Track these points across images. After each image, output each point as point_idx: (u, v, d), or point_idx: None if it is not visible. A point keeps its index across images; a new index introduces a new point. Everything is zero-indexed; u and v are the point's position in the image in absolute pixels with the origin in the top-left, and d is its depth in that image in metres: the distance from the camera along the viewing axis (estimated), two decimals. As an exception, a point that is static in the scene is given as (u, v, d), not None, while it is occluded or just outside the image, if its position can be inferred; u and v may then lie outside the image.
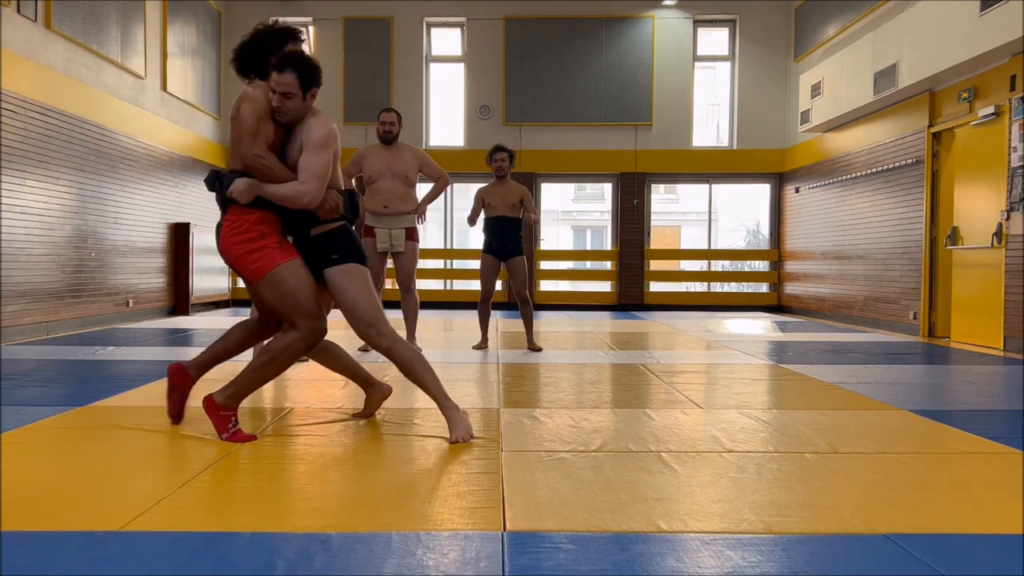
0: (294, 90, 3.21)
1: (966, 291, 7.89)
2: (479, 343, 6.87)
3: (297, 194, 3.21)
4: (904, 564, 1.99)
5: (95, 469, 2.84)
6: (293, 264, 3.25)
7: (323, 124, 3.29)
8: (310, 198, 3.22)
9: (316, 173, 3.22)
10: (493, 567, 1.94)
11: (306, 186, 3.21)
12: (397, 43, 13.02)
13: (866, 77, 9.14)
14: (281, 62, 3.23)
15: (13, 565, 1.92)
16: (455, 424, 3.33)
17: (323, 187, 3.25)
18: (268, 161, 3.21)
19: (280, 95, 3.21)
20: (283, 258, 3.24)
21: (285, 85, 3.20)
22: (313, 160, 3.22)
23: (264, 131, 3.23)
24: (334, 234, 3.39)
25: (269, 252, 3.23)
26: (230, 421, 3.26)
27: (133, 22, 9.76)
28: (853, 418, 3.84)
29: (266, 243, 3.24)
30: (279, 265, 3.22)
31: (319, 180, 3.23)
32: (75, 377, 5.09)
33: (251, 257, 3.23)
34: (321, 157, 3.23)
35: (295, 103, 3.24)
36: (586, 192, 22.26)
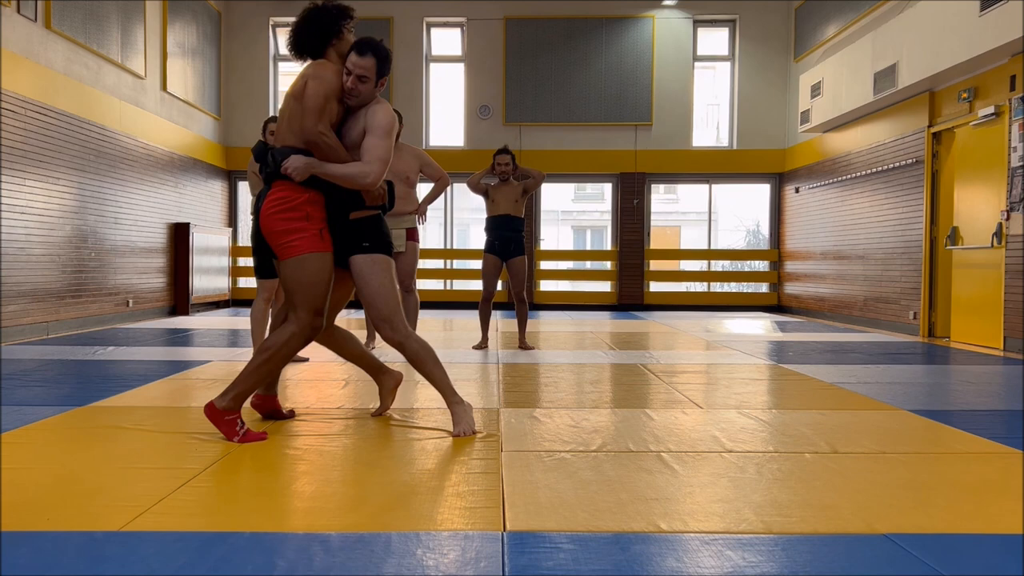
0: (371, 74, 3.27)
1: (966, 291, 7.89)
2: (479, 343, 6.87)
3: (361, 174, 3.23)
4: (904, 564, 1.99)
5: (95, 469, 2.84)
6: (324, 257, 3.28)
7: (389, 111, 3.35)
8: (373, 179, 3.25)
9: (381, 156, 3.27)
10: (493, 567, 1.94)
11: (371, 167, 3.24)
12: (397, 43, 13.02)
13: (866, 77, 9.14)
14: (362, 46, 3.29)
15: (13, 565, 1.92)
16: (459, 418, 3.38)
17: (384, 171, 3.30)
18: (330, 139, 3.23)
19: (356, 77, 3.26)
20: (318, 247, 3.27)
21: (364, 68, 3.25)
22: (379, 143, 3.27)
23: (330, 110, 3.26)
24: (369, 222, 3.41)
25: (308, 237, 3.25)
26: (237, 424, 3.26)
27: (133, 22, 9.76)
28: (853, 418, 3.84)
29: (308, 226, 3.26)
30: (312, 252, 3.24)
31: (383, 163, 3.27)
32: (75, 377, 5.08)
33: (290, 236, 3.24)
34: (386, 142, 3.29)
35: (368, 87, 3.29)
36: (586, 192, 22.26)
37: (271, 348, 3.31)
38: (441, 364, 3.47)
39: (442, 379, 3.43)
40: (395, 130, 3.37)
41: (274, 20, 13.17)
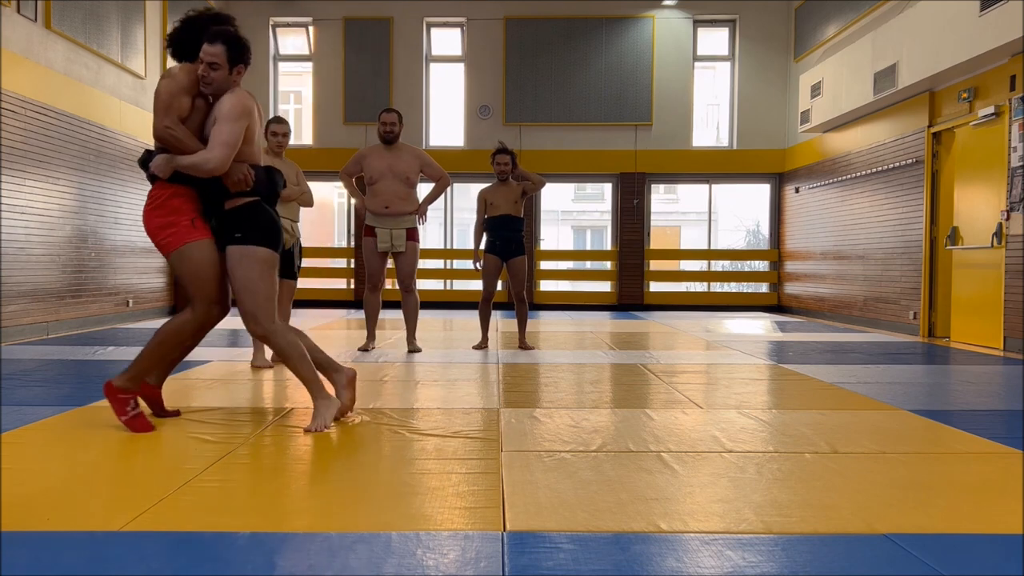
0: (221, 61, 3.33)
1: (966, 291, 7.89)
2: (479, 343, 6.87)
3: (203, 160, 3.26)
4: (904, 564, 1.99)
5: (95, 469, 2.84)
6: (201, 244, 3.32)
7: (237, 97, 3.37)
8: (214, 164, 3.26)
9: (222, 141, 3.28)
10: (493, 567, 1.94)
11: (211, 152, 3.26)
12: (397, 43, 13.02)
13: (866, 77, 9.14)
14: (213, 34, 3.36)
15: (13, 565, 1.92)
16: (318, 413, 3.40)
17: (229, 156, 3.29)
18: (177, 132, 3.30)
19: (207, 64, 3.32)
20: (192, 237, 3.31)
21: (213, 55, 3.32)
22: (223, 128, 3.30)
23: (177, 105, 3.33)
24: (243, 210, 3.41)
25: (180, 229, 3.31)
26: (128, 404, 3.31)
27: (133, 22, 9.76)
28: (853, 418, 3.84)
29: (178, 219, 3.31)
30: (187, 243, 3.30)
31: (225, 148, 3.27)
32: (75, 377, 5.09)
33: (164, 232, 3.32)
34: (229, 127, 3.30)
35: (221, 75, 3.35)
36: (586, 192, 22.26)
37: (165, 331, 3.37)
38: (309, 361, 3.47)
39: (309, 376, 3.43)
40: (247, 114, 3.36)
41: (274, 20, 13.16)
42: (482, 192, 6.84)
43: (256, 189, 3.42)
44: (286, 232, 5.57)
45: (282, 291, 5.71)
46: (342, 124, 13.02)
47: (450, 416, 3.81)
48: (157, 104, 3.33)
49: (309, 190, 5.73)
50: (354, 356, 6.16)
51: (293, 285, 5.74)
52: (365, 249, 6.46)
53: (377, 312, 6.60)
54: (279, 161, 5.64)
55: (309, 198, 5.70)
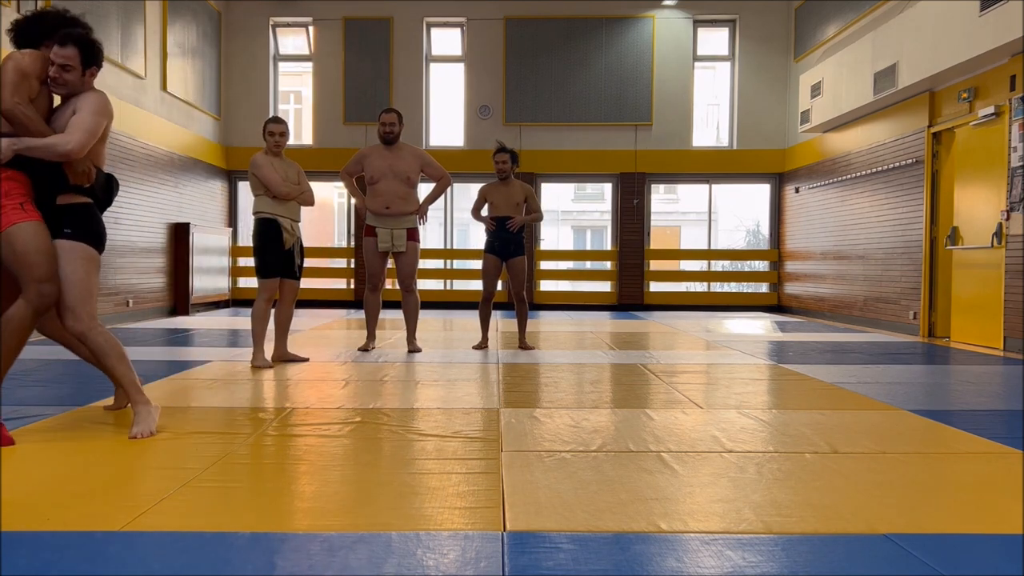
0: (74, 63, 3.32)
1: (966, 291, 7.89)
2: (479, 343, 6.86)
3: (62, 142, 3.22)
4: (904, 564, 1.99)
5: (95, 469, 2.84)
6: (31, 225, 3.24)
7: (100, 96, 3.38)
8: (72, 147, 3.22)
9: (85, 127, 3.26)
10: (493, 567, 1.94)
11: (70, 135, 3.23)
12: (397, 43, 13.02)
13: (866, 77, 9.14)
14: (64, 36, 3.33)
15: (13, 565, 1.92)
16: (140, 419, 3.33)
17: (87, 144, 3.26)
18: (27, 110, 3.24)
19: (59, 67, 3.30)
20: (20, 218, 3.23)
21: (65, 57, 3.30)
22: (85, 117, 3.28)
23: (28, 87, 3.27)
24: (76, 209, 3.38)
25: (7, 211, 3.23)
26: None
27: (133, 22, 9.76)
28: (853, 418, 3.84)
29: (7, 202, 3.24)
30: (15, 224, 3.22)
31: (85, 135, 3.25)
32: (75, 377, 5.09)
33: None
34: (92, 118, 3.29)
35: (74, 76, 3.34)
36: (586, 192, 22.26)
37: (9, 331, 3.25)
38: (128, 361, 3.41)
39: (126, 375, 3.38)
40: (109, 113, 3.37)
41: (274, 20, 13.17)
42: (483, 188, 6.84)
43: (93, 190, 3.40)
44: (286, 232, 5.57)
45: (284, 291, 5.71)
46: (342, 124, 13.02)
47: (450, 416, 3.81)
48: (4, 80, 3.22)
49: (310, 189, 5.73)
50: (354, 356, 6.16)
51: (295, 285, 5.74)
52: (365, 249, 6.46)
53: (377, 312, 6.60)
54: (279, 161, 5.65)
55: (310, 197, 5.70)
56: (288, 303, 5.77)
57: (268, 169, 5.51)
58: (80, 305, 3.32)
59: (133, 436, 3.25)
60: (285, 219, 5.56)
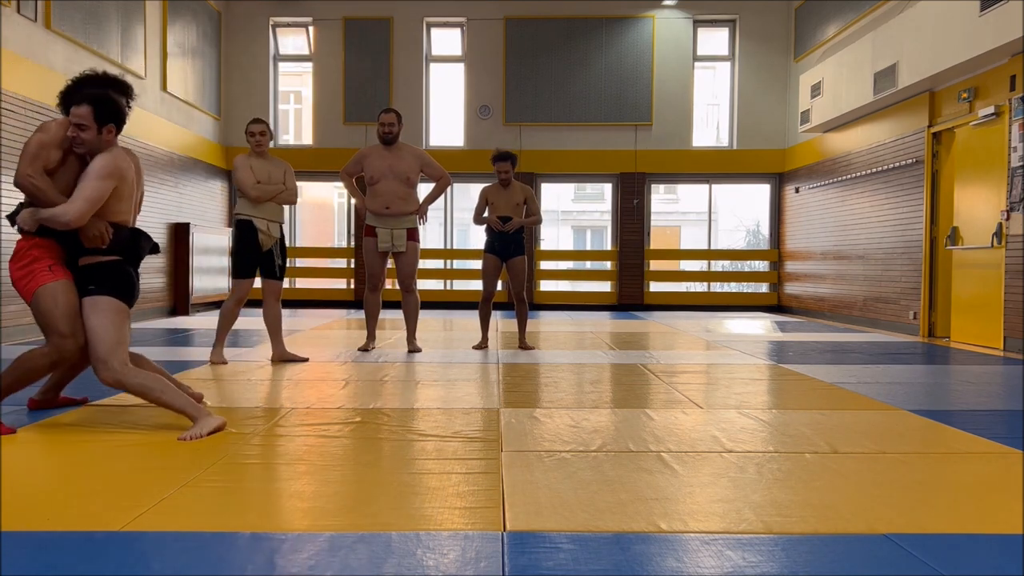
0: (88, 122, 3.40)
1: (966, 291, 7.89)
2: (479, 343, 6.86)
3: (61, 212, 3.33)
4: (904, 564, 1.99)
5: (95, 469, 2.84)
6: (55, 285, 3.41)
7: (110, 157, 3.44)
8: (69, 217, 3.32)
9: (83, 196, 3.35)
10: (493, 567, 1.94)
11: (71, 205, 3.34)
12: (397, 43, 13.02)
13: (866, 77, 9.14)
14: (80, 97, 3.44)
15: (13, 565, 1.92)
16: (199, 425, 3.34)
17: (87, 211, 3.35)
18: (38, 182, 3.39)
19: (75, 126, 3.40)
20: (47, 279, 3.41)
21: (79, 117, 3.40)
22: (87, 184, 3.38)
23: (44, 156, 3.41)
24: (97, 267, 3.49)
25: (36, 275, 3.41)
26: None
27: (133, 22, 9.76)
28: (853, 418, 3.84)
29: (35, 267, 3.42)
30: (41, 286, 3.40)
31: (85, 203, 3.34)
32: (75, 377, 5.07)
33: (23, 281, 3.44)
34: (94, 184, 3.37)
35: (90, 135, 3.42)
36: (586, 192, 22.26)
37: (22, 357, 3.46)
38: (171, 388, 3.45)
39: (175, 402, 3.41)
40: (116, 174, 3.42)
41: (274, 20, 13.17)
42: (484, 190, 6.84)
43: (114, 249, 3.49)
44: (262, 233, 5.58)
45: (266, 292, 5.76)
46: (342, 124, 13.02)
47: (450, 416, 3.81)
48: (24, 153, 3.41)
49: (294, 187, 5.76)
50: (354, 356, 6.16)
51: (277, 286, 5.79)
52: (365, 249, 6.46)
53: (377, 312, 6.60)
54: (263, 160, 5.66)
55: (289, 196, 5.71)
56: (272, 304, 5.79)
57: (243, 171, 5.56)
58: (110, 357, 3.41)
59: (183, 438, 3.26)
60: (262, 220, 5.58)
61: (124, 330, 3.49)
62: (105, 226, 3.44)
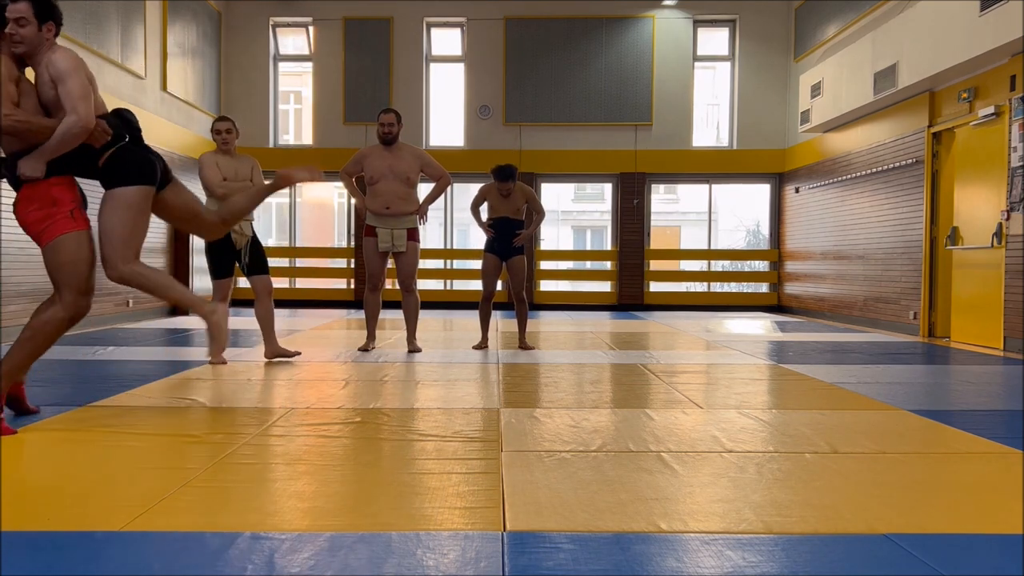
0: (28, 16, 3.26)
1: (966, 291, 7.89)
2: (479, 343, 6.86)
3: (71, 126, 3.21)
4: (904, 564, 1.99)
5: (95, 469, 2.84)
6: (79, 235, 3.27)
7: (62, 52, 3.32)
8: (84, 121, 3.22)
9: (78, 96, 3.23)
10: (493, 567, 1.94)
11: (76, 113, 3.21)
12: (397, 43, 13.02)
13: (866, 77, 9.14)
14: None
15: (13, 565, 1.92)
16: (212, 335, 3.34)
17: (90, 108, 3.25)
18: (19, 116, 3.22)
19: (13, 22, 3.25)
20: (69, 227, 3.26)
21: (18, 11, 3.25)
22: (71, 86, 3.24)
23: (8, 92, 3.24)
24: (112, 160, 3.38)
25: (58, 220, 3.26)
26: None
27: (133, 22, 9.76)
28: (853, 418, 3.84)
29: (56, 211, 3.26)
30: (64, 234, 3.25)
31: (84, 101, 3.24)
32: (75, 377, 5.08)
33: (41, 224, 3.27)
34: (75, 80, 3.25)
35: (30, 31, 3.28)
36: (586, 192, 22.25)
37: (34, 327, 3.29)
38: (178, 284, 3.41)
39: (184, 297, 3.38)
40: (82, 66, 3.31)
41: (274, 20, 13.17)
42: (484, 187, 6.81)
43: (117, 134, 3.39)
44: (234, 232, 5.58)
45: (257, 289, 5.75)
46: (342, 124, 13.03)
47: (450, 416, 3.81)
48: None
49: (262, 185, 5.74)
50: (354, 356, 6.16)
51: (266, 281, 5.76)
52: (366, 249, 6.46)
53: (377, 312, 6.60)
54: (230, 159, 5.67)
55: None
56: (264, 300, 5.77)
57: (209, 169, 5.57)
58: (118, 253, 3.31)
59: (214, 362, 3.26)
60: None
61: (138, 225, 3.38)
62: (98, 120, 3.34)
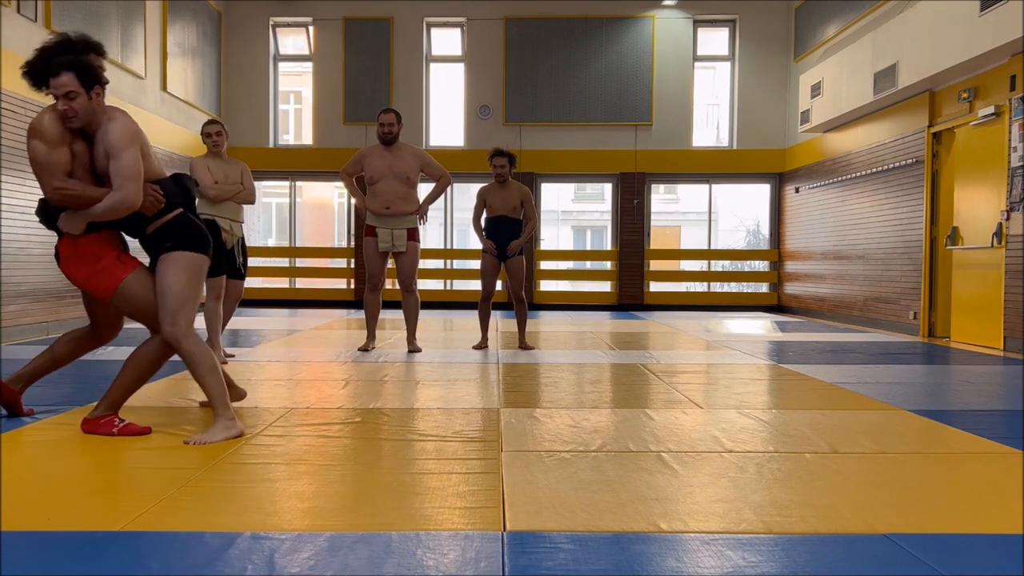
0: (75, 88, 3.19)
1: (966, 291, 7.89)
2: (479, 343, 6.86)
3: (116, 203, 3.22)
4: (904, 564, 1.99)
5: (95, 469, 2.84)
6: (136, 275, 3.34)
7: (119, 123, 3.27)
8: (130, 200, 3.23)
9: (127, 175, 3.22)
10: (493, 567, 1.94)
11: (122, 192, 3.21)
12: (397, 43, 13.02)
13: (866, 77, 9.14)
14: (55, 67, 3.22)
15: (13, 565, 1.92)
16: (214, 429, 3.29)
17: (139, 186, 3.24)
18: (70, 189, 3.23)
19: (63, 97, 3.19)
20: (124, 272, 3.32)
21: (64, 86, 3.18)
22: (120, 163, 3.22)
23: (57, 161, 3.22)
24: (168, 225, 3.39)
25: (110, 270, 3.31)
26: (113, 423, 3.33)
27: (133, 22, 9.76)
28: (853, 418, 3.84)
29: (104, 263, 3.32)
30: (123, 280, 3.31)
31: (133, 181, 3.23)
32: (75, 377, 5.08)
33: (96, 280, 3.33)
34: (126, 157, 3.23)
35: (80, 103, 3.21)
36: (586, 192, 22.25)
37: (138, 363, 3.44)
38: (219, 375, 3.42)
39: (215, 388, 3.38)
40: (136, 138, 3.28)
41: (274, 20, 13.17)
42: (481, 191, 6.83)
43: (170, 202, 3.39)
44: (225, 232, 5.60)
45: (229, 290, 5.74)
46: (342, 124, 13.02)
47: (450, 416, 3.81)
48: (36, 168, 3.22)
49: (252, 187, 5.77)
50: (354, 356, 6.16)
51: (240, 285, 5.81)
52: (366, 249, 6.46)
53: (377, 312, 6.60)
54: (220, 161, 5.69)
55: (247, 196, 5.73)
56: (231, 302, 5.81)
57: (201, 172, 5.63)
58: (179, 311, 3.34)
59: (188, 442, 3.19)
60: (224, 219, 5.62)
61: (196, 289, 3.40)
62: (152, 188, 3.34)
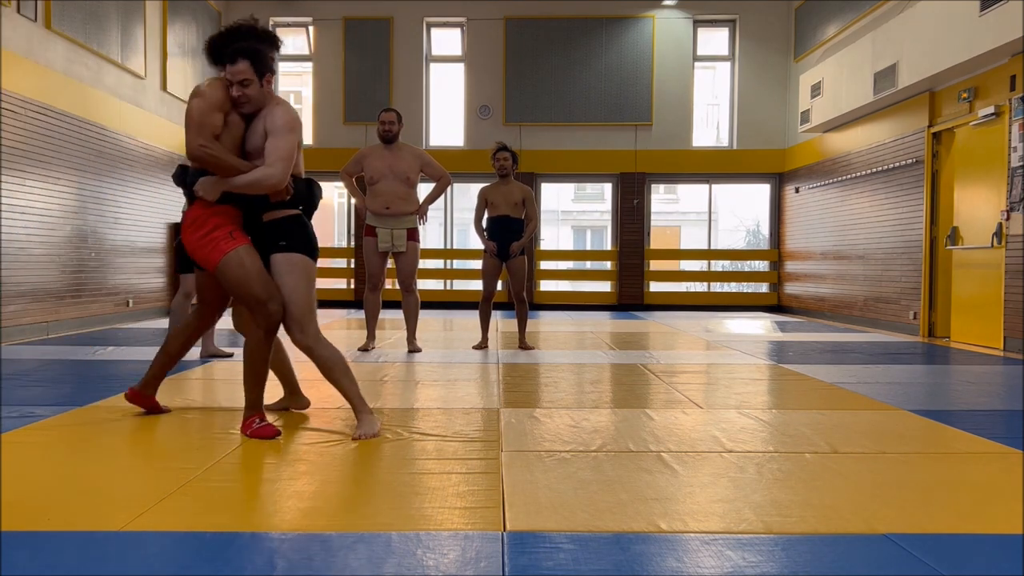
0: (251, 76, 3.30)
1: (966, 291, 7.89)
2: (479, 343, 6.86)
3: (265, 176, 3.25)
4: (904, 564, 1.99)
5: (95, 469, 2.84)
6: (239, 252, 3.32)
7: (288, 110, 3.38)
8: (277, 178, 3.26)
9: (283, 155, 3.27)
10: (493, 567, 1.94)
11: (273, 168, 3.26)
12: (397, 43, 13.02)
13: (866, 77, 9.14)
14: (233, 53, 3.33)
15: (13, 565, 1.92)
16: (362, 422, 3.37)
17: (288, 169, 3.29)
18: (213, 150, 3.27)
19: (238, 84, 3.30)
20: (229, 246, 3.32)
21: (240, 73, 3.30)
22: (280, 143, 3.29)
23: (210, 123, 3.29)
24: (285, 221, 3.43)
25: (218, 242, 3.32)
26: (253, 421, 3.37)
27: (133, 22, 9.76)
28: (853, 418, 3.84)
29: (216, 234, 3.32)
30: (226, 254, 3.31)
31: (285, 162, 3.28)
32: (75, 377, 5.09)
33: (204, 249, 3.34)
34: (288, 140, 3.30)
35: (255, 90, 3.33)
36: (586, 192, 22.26)
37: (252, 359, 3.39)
38: (352, 375, 3.46)
39: (350, 389, 3.42)
40: (298, 127, 3.37)
41: (274, 20, 13.17)
42: (483, 191, 6.83)
43: (296, 200, 3.42)
44: None
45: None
46: (342, 124, 13.03)
47: (450, 416, 3.81)
48: (189, 123, 3.29)
49: None
50: (354, 356, 6.16)
51: None
52: (365, 249, 6.46)
53: (377, 312, 6.60)
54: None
55: None
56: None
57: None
58: (305, 318, 3.38)
59: (357, 437, 3.27)
60: None
61: (314, 294, 3.44)
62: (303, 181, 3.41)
